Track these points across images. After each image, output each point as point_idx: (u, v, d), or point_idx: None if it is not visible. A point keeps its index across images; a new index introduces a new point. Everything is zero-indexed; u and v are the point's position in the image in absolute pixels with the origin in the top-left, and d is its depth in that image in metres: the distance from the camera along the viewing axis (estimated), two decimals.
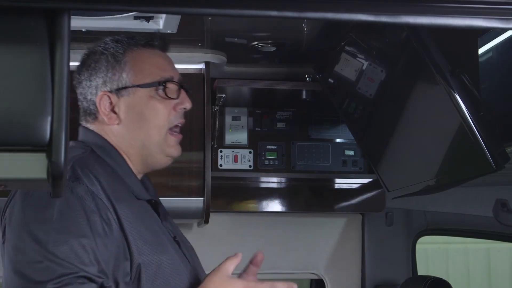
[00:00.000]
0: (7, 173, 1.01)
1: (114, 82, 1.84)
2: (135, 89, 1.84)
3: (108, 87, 1.84)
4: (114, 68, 1.84)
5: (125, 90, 1.84)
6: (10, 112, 0.98)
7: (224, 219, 3.12)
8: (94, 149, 1.83)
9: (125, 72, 1.84)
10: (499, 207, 2.21)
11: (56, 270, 1.55)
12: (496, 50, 1.91)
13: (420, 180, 2.20)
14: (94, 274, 1.59)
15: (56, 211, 1.61)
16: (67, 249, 1.58)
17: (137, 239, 1.70)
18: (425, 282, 2.74)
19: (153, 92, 1.85)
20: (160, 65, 1.89)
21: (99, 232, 1.63)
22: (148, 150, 1.86)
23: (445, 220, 3.05)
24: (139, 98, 1.84)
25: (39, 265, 1.56)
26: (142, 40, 1.89)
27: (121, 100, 1.84)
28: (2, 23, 0.99)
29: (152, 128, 1.85)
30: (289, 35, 2.44)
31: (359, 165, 3.02)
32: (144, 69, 1.86)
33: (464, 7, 1.05)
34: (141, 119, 1.84)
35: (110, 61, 1.85)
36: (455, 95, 1.84)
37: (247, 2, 1.02)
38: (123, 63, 1.85)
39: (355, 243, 3.26)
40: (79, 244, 1.59)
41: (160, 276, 1.71)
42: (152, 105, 1.84)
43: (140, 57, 1.87)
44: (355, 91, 2.39)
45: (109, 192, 1.70)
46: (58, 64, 1.00)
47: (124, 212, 1.70)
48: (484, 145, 1.80)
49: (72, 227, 1.60)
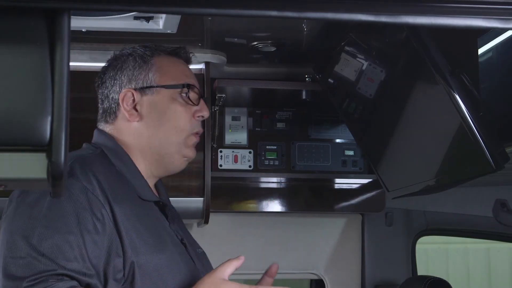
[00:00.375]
0: (7, 173, 1.01)
1: (140, 81, 1.89)
2: (159, 89, 1.89)
3: (133, 85, 1.89)
4: (141, 68, 1.90)
5: (149, 89, 1.88)
6: (10, 112, 0.98)
7: (224, 219, 3.12)
8: (104, 151, 1.85)
9: (152, 72, 1.90)
10: (499, 207, 2.21)
11: (36, 266, 1.56)
12: (496, 50, 1.91)
13: (420, 180, 2.20)
14: (76, 271, 1.59)
15: (45, 207, 1.62)
16: (51, 244, 1.58)
17: (135, 238, 1.70)
18: (425, 282, 2.74)
19: (176, 95, 1.90)
20: (184, 71, 1.96)
21: (89, 229, 1.63)
22: (166, 149, 1.89)
23: (445, 220, 3.05)
24: (162, 98, 1.89)
25: (21, 260, 1.57)
26: (169, 48, 1.96)
27: (144, 98, 1.89)
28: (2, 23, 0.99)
29: (172, 129, 1.89)
30: (289, 35, 2.44)
31: (359, 165, 3.02)
32: (169, 72, 1.92)
33: (464, 7, 1.05)
34: (162, 118, 1.89)
35: (138, 61, 1.91)
36: (455, 95, 1.84)
37: (247, 2, 1.02)
38: (150, 64, 1.90)
39: (355, 243, 3.26)
40: (65, 240, 1.59)
41: (156, 276, 1.71)
42: (174, 107, 1.90)
43: (166, 62, 1.93)
44: (355, 91, 2.39)
45: (107, 190, 1.70)
46: (58, 64, 1.00)
47: (122, 210, 1.71)
48: (484, 145, 1.80)
49: (60, 223, 1.61)
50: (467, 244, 7.39)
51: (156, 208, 1.87)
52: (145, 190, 1.86)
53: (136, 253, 1.69)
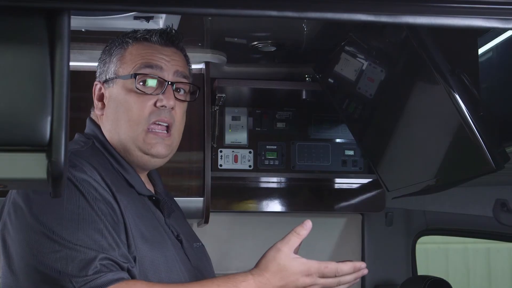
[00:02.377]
0: (7, 173, 1.01)
1: (104, 73, 1.86)
2: (116, 80, 1.82)
3: (102, 77, 1.86)
4: (105, 60, 1.87)
5: (110, 81, 1.83)
6: (10, 112, 0.98)
7: (224, 219, 3.12)
8: (95, 143, 1.81)
9: (113, 63, 1.84)
10: (499, 207, 2.21)
11: (77, 256, 1.52)
12: (496, 50, 1.91)
13: (420, 180, 2.20)
14: (117, 258, 1.55)
15: (65, 200, 1.57)
16: (83, 235, 1.54)
17: (135, 234, 1.67)
18: (425, 282, 2.74)
19: (131, 85, 1.79)
20: (146, 56, 1.82)
21: (108, 219, 1.60)
22: (125, 146, 1.80)
23: (445, 220, 3.05)
24: (118, 89, 1.81)
25: (58, 254, 1.52)
26: (139, 34, 1.85)
27: (108, 91, 1.84)
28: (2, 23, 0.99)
29: (127, 123, 1.79)
30: (289, 35, 2.44)
31: (359, 165, 3.02)
32: (129, 60, 1.82)
33: (464, 7, 1.05)
34: (116, 112, 1.81)
35: (106, 53, 1.88)
36: (455, 95, 1.84)
37: (247, 2, 1.02)
38: (114, 55, 1.85)
39: (355, 243, 3.26)
40: (94, 229, 1.56)
41: (153, 272, 1.68)
42: (127, 98, 1.79)
43: (130, 50, 1.84)
44: (355, 91, 2.39)
45: (108, 182, 1.66)
46: (58, 64, 1.00)
47: (124, 203, 1.67)
48: (484, 145, 1.80)
49: (84, 214, 1.57)
50: (467, 244, 7.38)
51: (151, 203, 1.82)
52: (139, 184, 1.81)
53: (136, 248, 1.66)
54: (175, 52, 1.86)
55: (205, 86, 2.63)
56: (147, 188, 1.85)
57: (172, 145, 1.84)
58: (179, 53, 1.88)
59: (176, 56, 1.86)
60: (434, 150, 2.07)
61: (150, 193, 1.84)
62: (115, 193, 1.66)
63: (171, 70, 1.82)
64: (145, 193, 1.82)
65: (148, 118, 1.77)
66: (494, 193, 2.40)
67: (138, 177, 1.83)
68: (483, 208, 2.57)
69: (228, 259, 3.13)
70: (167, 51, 1.84)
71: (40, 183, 1.03)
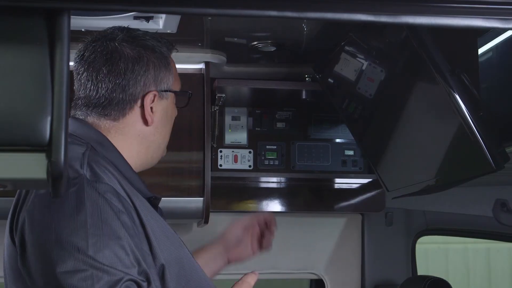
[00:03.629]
0: (7, 173, 1.01)
1: (164, 83, 1.80)
2: (171, 93, 1.85)
3: (158, 86, 1.79)
4: (166, 68, 1.81)
5: (167, 93, 1.82)
6: (10, 112, 0.98)
7: (224, 219, 3.11)
8: (93, 146, 1.71)
9: (171, 76, 1.83)
10: (499, 207, 2.21)
11: (103, 277, 1.48)
12: (496, 50, 1.91)
13: (420, 180, 2.20)
14: (137, 277, 1.52)
15: (88, 215, 1.52)
16: (109, 253, 1.50)
17: (158, 236, 1.64)
18: (425, 282, 2.74)
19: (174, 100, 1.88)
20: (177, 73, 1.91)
21: (131, 233, 1.56)
22: (160, 150, 1.87)
23: (445, 220, 3.05)
24: (171, 103, 1.86)
25: (83, 273, 1.48)
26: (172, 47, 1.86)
27: (162, 102, 1.81)
28: (2, 23, 0.99)
29: (168, 132, 1.88)
30: (289, 35, 2.44)
31: (359, 165, 3.02)
32: (175, 75, 1.88)
33: (464, 7, 1.05)
34: (168, 124, 1.87)
35: (162, 60, 1.80)
36: (455, 95, 1.84)
37: (247, 2, 1.02)
38: (170, 66, 1.83)
39: (355, 243, 3.26)
40: (119, 246, 1.51)
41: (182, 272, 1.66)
42: (175, 112, 1.89)
43: (173, 63, 1.88)
44: (355, 91, 2.39)
45: (127, 190, 1.64)
46: (58, 64, 1.00)
47: (141, 209, 1.64)
48: (484, 145, 1.80)
49: (108, 229, 1.52)
50: (467, 244, 7.39)
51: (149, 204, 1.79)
52: (142, 186, 1.78)
53: (162, 252, 1.63)
54: None
55: (205, 86, 2.63)
56: (147, 189, 1.83)
57: None
58: None
59: None
60: (434, 150, 2.07)
61: (151, 195, 1.82)
62: (133, 200, 1.63)
63: None
64: (148, 195, 1.80)
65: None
66: (494, 193, 2.40)
67: (140, 180, 1.81)
68: (483, 208, 2.57)
69: None
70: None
71: (40, 183, 1.03)
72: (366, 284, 3.24)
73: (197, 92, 2.63)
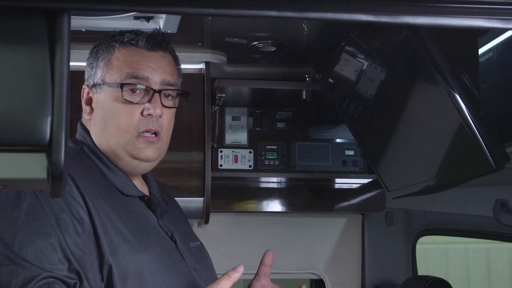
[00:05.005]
0: (7, 173, 1.00)
1: (91, 77, 1.85)
2: (104, 86, 1.82)
3: (89, 81, 1.85)
4: (92, 64, 1.85)
5: (97, 86, 1.83)
6: (10, 112, 0.98)
7: (224, 219, 3.12)
8: (84, 148, 1.82)
9: (100, 68, 1.82)
10: (499, 207, 2.21)
11: (21, 272, 1.52)
12: (496, 50, 1.91)
13: (420, 180, 2.20)
14: (64, 275, 1.55)
15: (23, 211, 1.58)
16: (34, 250, 1.54)
17: (114, 238, 1.65)
18: (425, 282, 2.74)
19: (118, 93, 1.79)
20: (133, 64, 1.81)
21: (69, 231, 1.59)
22: (115, 152, 1.80)
23: (445, 220, 3.05)
24: (106, 96, 1.81)
25: (5, 268, 1.53)
26: (126, 38, 1.83)
27: (95, 96, 1.84)
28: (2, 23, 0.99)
29: (115, 130, 1.79)
30: (289, 35, 2.44)
31: (359, 165, 3.02)
32: (116, 67, 1.81)
33: (464, 7, 1.05)
34: (106, 118, 1.81)
35: (93, 56, 1.86)
36: (455, 95, 1.84)
37: (247, 2, 1.02)
38: (101, 59, 1.83)
39: (355, 243, 3.26)
40: (47, 243, 1.56)
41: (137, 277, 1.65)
42: (115, 106, 1.79)
43: (117, 55, 1.82)
44: (355, 91, 2.39)
45: (84, 190, 1.65)
46: (58, 64, 0.99)
47: (101, 210, 1.66)
48: (484, 145, 1.80)
49: (40, 226, 1.57)
50: (467, 244, 7.38)
51: (142, 204, 1.81)
52: (127, 185, 1.80)
53: (115, 254, 1.63)
54: (163, 56, 1.85)
55: (205, 86, 2.63)
56: (138, 190, 1.83)
57: (161, 149, 1.84)
58: (167, 56, 1.86)
59: (164, 61, 1.85)
60: (434, 150, 2.07)
61: (141, 194, 1.83)
62: (88, 203, 1.64)
63: (158, 78, 1.81)
64: (135, 194, 1.81)
65: (137, 126, 1.78)
66: (494, 193, 2.40)
67: (128, 180, 1.82)
68: (483, 208, 2.57)
69: (228, 259, 3.12)
70: (154, 57, 1.83)
71: (40, 183, 1.03)
72: (366, 284, 3.24)
73: (197, 92, 2.63)
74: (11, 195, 1.62)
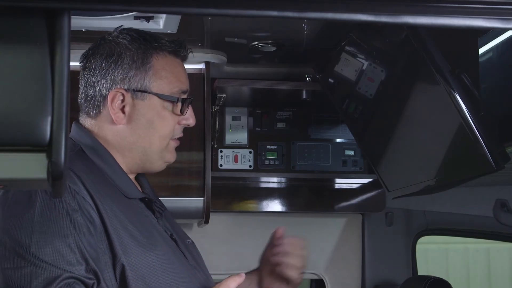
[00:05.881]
0: (7, 173, 1.00)
1: (134, 83, 1.77)
2: (152, 95, 1.79)
3: (125, 85, 1.77)
4: (139, 69, 1.77)
5: (143, 94, 1.78)
6: (10, 112, 0.98)
7: (224, 219, 3.12)
8: (83, 149, 1.77)
9: (148, 76, 1.78)
10: (499, 207, 2.21)
11: (41, 274, 1.51)
12: (496, 50, 1.91)
13: (420, 180, 2.20)
14: (82, 275, 1.55)
15: (37, 212, 1.56)
16: (52, 250, 1.54)
17: (125, 238, 1.65)
18: (425, 282, 2.74)
19: (167, 104, 1.81)
20: (180, 77, 1.84)
21: (83, 231, 1.59)
22: (148, 156, 1.83)
23: (445, 220, 3.05)
24: (153, 106, 1.80)
25: (24, 270, 1.52)
26: (170, 47, 1.82)
27: (135, 102, 1.78)
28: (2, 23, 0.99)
29: (157, 138, 1.82)
30: (289, 35, 2.44)
31: (359, 165, 3.02)
32: (166, 78, 1.80)
33: (464, 7, 1.05)
34: (149, 127, 1.80)
35: (136, 61, 1.78)
36: (455, 95, 1.84)
37: (247, 2, 1.02)
38: (148, 66, 1.78)
39: (355, 243, 3.26)
40: (64, 244, 1.55)
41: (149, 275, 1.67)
42: (163, 116, 1.81)
43: (164, 63, 1.81)
44: (355, 91, 2.39)
45: (92, 190, 1.65)
46: (58, 64, 0.99)
47: (109, 210, 1.66)
48: (484, 145, 1.80)
49: (55, 227, 1.56)
50: (467, 244, 7.38)
51: (142, 204, 1.82)
52: (130, 187, 1.80)
53: (126, 253, 1.64)
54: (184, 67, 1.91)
55: (205, 86, 2.63)
56: (138, 190, 1.85)
57: None
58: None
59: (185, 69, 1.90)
60: (434, 150, 2.07)
61: (142, 195, 1.83)
62: (97, 202, 1.64)
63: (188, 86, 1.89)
64: (137, 196, 1.81)
65: (174, 133, 1.86)
66: (494, 193, 2.40)
67: (130, 181, 1.83)
68: (483, 208, 2.57)
69: (228, 259, 3.13)
70: (184, 67, 1.89)
71: (40, 183, 1.03)
72: (366, 284, 3.24)
73: (197, 92, 2.63)
74: (19, 197, 1.60)
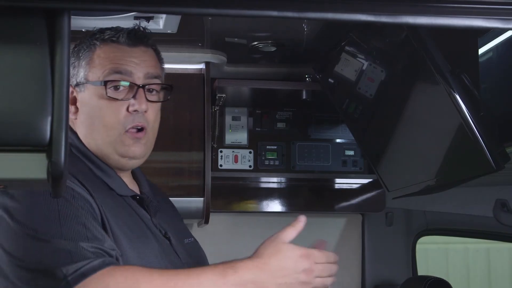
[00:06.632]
0: (7, 173, 1.00)
1: (78, 77, 1.81)
2: (87, 85, 1.79)
3: (74, 82, 1.81)
4: (74, 63, 1.81)
5: (81, 85, 1.80)
6: (10, 112, 0.98)
7: (224, 219, 3.12)
8: (72, 150, 1.78)
9: (82, 67, 1.80)
10: (499, 207, 2.21)
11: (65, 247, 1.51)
12: (496, 50, 1.91)
13: (420, 180, 2.20)
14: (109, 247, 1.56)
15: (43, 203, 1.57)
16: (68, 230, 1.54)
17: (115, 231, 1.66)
18: (425, 282, 2.74)
19: (102, 90, 1.77)
20: (115, 60, 1.79)
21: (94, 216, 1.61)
22: (102, 150, 1.79)
23: (445, 220, 3.05)
24: (90, 95, 1.79)
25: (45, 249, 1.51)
26: (107, 35, 1.81)
27: (79, 96, 1.81)
28: (2, 23, 0.99)
29: (102, 128, 1.78)
30: (289, 35, 2.44)
31: (359, 165, 3.02)
32: (98, 65, 1.79)
33: (464, 7, 1.05)
34: (90, 117, 1.79)
35: (74, 56, 1.82)
36: (455, 95, 1.84)
37: (247, 2, 1.02)
38: (82, 58, 1.80)
39: (355, 243, 3.26)
40: (78, 223, 1.56)
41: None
42: (100, 104, 1.77)
43: (98, 53, 1.80)
44: (355, 91, 2.39)
45: (86, 185, 1.66)
46: (58, 64, 0.99)
47: (102, 203, 1.67)
48: (484, 145, 1.80)
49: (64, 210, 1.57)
50: (467, 244, 7.38)
51: (135, 202, 1.81)
52: (120, 185, 1.80)
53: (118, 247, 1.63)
54: (145, 51, 1.83)
55: (205, 86, 2.63)
56: (129, 189, 1.84)
57: (147, 144, 1.83)
58: (149, 51, 1.85)
59: (146, 55, 1.83)
60: (434, 150, 2.07)
61: (133, 193, 1.83)
62: (93, 194, 1.65)
63: (142, 73, 1.80)
64: (128, 194, 1.81)
65: (123, 123, 1.77)
66: (494, 193, 2.40)
67: (119, 179, 1.82)
68: (483, 208, 2.57)
69: (228, 259, 3.12)
70: (136, 52, 1.82)
71: (40, 183, 1.03)
72: (366, 284, 3.24)
73: (197, 92, 2.63)
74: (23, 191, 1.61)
